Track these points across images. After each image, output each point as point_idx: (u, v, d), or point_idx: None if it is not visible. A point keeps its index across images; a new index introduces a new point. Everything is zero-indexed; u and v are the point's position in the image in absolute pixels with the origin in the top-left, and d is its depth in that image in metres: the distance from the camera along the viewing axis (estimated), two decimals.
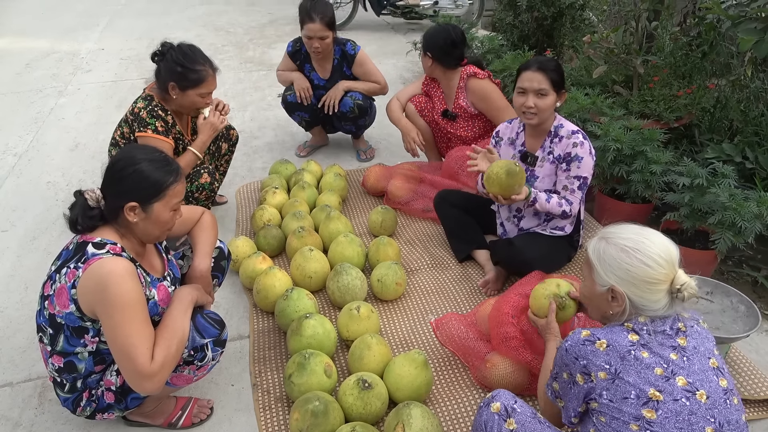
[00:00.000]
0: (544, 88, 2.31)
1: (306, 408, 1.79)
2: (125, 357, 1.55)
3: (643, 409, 1.27)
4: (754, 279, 2.61)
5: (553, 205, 2.39)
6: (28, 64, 5.97)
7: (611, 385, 1.30)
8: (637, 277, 1.35)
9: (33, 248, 2.98)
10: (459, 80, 3.10)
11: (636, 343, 1.33)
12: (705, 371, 1.31)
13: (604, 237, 1.44)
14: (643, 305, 1.36)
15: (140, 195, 1.63)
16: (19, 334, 2.40)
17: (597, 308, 1.49)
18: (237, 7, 8.50)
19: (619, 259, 1.38)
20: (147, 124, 2.60)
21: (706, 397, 1.28)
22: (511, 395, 1.50)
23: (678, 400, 1.26)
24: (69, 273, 1.59)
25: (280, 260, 2.83)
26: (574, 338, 1.39)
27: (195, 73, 2.58)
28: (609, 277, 1.40)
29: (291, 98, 3.58)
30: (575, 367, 1.36)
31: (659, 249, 1.36)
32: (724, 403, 1.30)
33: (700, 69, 3.45)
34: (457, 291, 2.59)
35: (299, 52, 3.55)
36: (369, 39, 6.69)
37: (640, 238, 1.38)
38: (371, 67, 3.56)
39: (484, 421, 1.46)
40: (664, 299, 1.35)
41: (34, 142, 4.19)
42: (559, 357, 1.42)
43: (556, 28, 4.55)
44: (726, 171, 2.45)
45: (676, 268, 1.35)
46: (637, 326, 1.36)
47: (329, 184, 3.25)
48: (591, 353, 1.34)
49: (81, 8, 8.51)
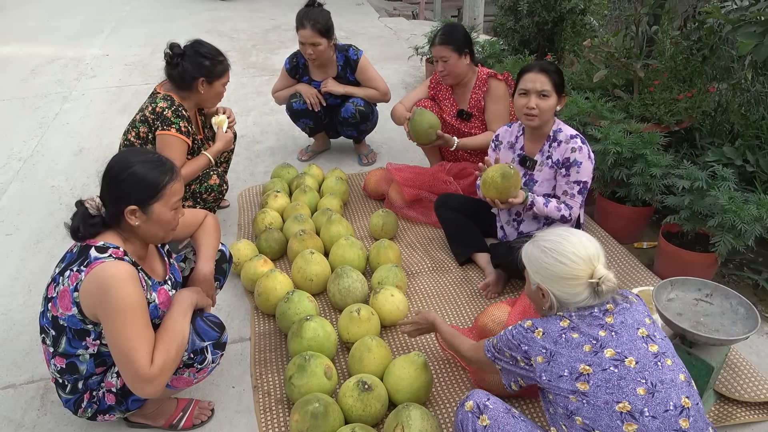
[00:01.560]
0: (546, 90, 2.32)
1: (306, 409, 1.80)
2: (125, 360, 1.56)
3: (577, 383, 1.40)
4: (755, 282, 2.61)
5: (552, 209, 2.40)
6: (33, 70, 6.02)
7: (548, 367, 1.45)
8: (555, 274, 1.48)
9: (37, 251, 3.00)
10: (476, 80, 3.11)
11: (566, 327, 1.47)
12: (633, 341, 1.43)
13: (533, 240, 1.58)
14: (566, 299, 1.49)
15: (138, 198, 1.64)
16: (23, 336, 2.41)
17: (536, 304, 1.63)
18: (240, 14, 8.56)
19: (540, 259, 1.52)
20: (171, 123, 2.63)
21: (635, 362, 1.40)
22: (485, 393, 1.58)
23: (606, 369, 1.39)
24: (72, 276, 1.60)
25: (281, 263, 2.84)
26: (519, 327, 1.54)
27: (220, 64, 2.71)
28: (535, 277, 1.54)
29: (297, 105, 3.59)
30: (518, 351, 1.52)
31: (574, 247, 1.48)
32: (655, 365, 1.40)
33: (700, 73, 3.46)
34: (457, 294, 2.59)
35: (297, 66, 3.60)
36: (371, 44, 6.72)
37: (558, 238, 1.51)
38: (373, 73, 3.58)
39: (460, 420, 1.55)
40: (585, 292, 1.47)
41: (39, 147, 4.23)
42: (506, 339, 1.56)
43: (556, 33, 4.56)
44: (726, 174, 2.45)
45: (593, 264, 1.47)
46: (566, 314, 1.50)
47: (330, 187, 3.27)
48: (531, 340, 1.50)
49: (85, 15, 8.58)
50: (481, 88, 3.08)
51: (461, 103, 3.18)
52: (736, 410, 1.96)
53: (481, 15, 6.59)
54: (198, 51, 2.66)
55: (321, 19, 3.29)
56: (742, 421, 1.93)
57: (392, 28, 7.53)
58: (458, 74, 3.03)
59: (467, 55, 2.99)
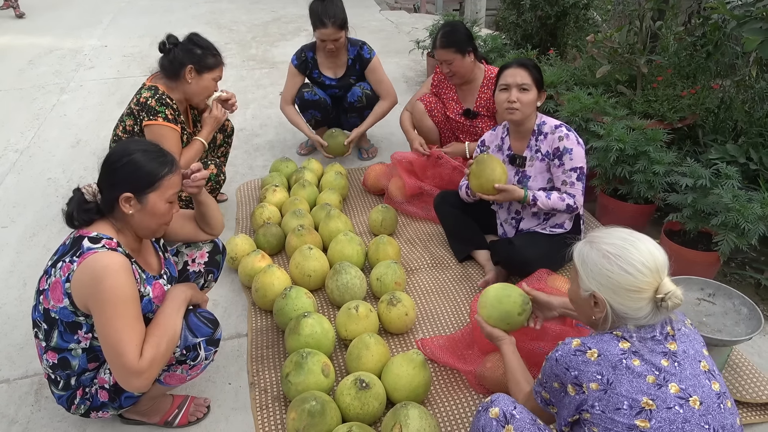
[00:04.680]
0: (526, 83, 2.34)
1: (303, 408, 1.78)
2: (114, 352, 1.54)
3: (636, 419, 1.23)
4: (758, 281, 2.59)
5: (555, 201, 2.38)
6: (31, 61, 5.97)
7: (603, 396, 1.26)
8: (618, 284, 1.31)
9: (32, 244, 2.97)
10: (483, 78, 3.09)
11: (627, 351, 1.29)
12: (697, 376, 1.28)
13: (590, 240, 1.41)
14: (624, 313, 1.32)
15: (135, 185, 1.62)
16: (17, 330, 2.39)
17: (583, 312, 1.46)
18: (240, 5, 8.50)
19: (601, 265, 1.34)
20: (157, 113, 2.58)
21: (699, 403, 1.25)
22: (511, 400, 1.44)
23: (671, 408, 1.23)
24: (64, 267, 1.58)
25: (279, 258, 2.82)
26: (564, 348, 1.35)
27: (213, 57, 2.68)
28: (591, 283, 1.36)
29: (308, 96, 3.54)
30: (566, 377, 1.32)
31: (642, 256, 1.31)
32: (718, 408, 1.26)
33: (704, 69, 3.42)
34: (457, 291, 2.57)
35: (306, 61, 3.53)
36: (373, 38, 6.67)
37: (624, 243, 1.34)
38: (383, 76, 3.55)
39: (482, 426, 1.41)
40: (647, 308, 1.30)
41: (36, 139, 4.19)
42: (549, 367, 1.37)
43: (559, 28, 4.52)
44: (729, 172, 2.43)
45: (661, 276, 1.31)
46: (626, 334, 1.32)
47: (330, 182, 3.24)
48: (582, 363, 1.30)
49: (85, 6, 8.52)
50: (489, 87, 3.06)
51: (466, 102, 3.17)
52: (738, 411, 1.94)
53: (483, 9, 6.55)
54: (192, 40, 2.65)
55: (339, 12, 3.27)
56: (744, 423, 1.91)
57: (393, 22, 7.47)
58: (464, 74, 3.04)
59: (470, 53, 2.98)
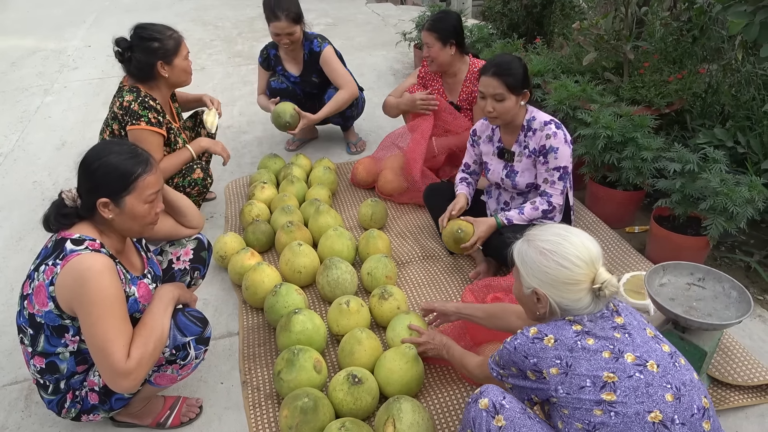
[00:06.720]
0: (499, 93, 2.29)
1: (295, 405, 1.77)
2: (101, 353, 1.52)
3: (602, 393, 1.27)
4: (747, 264, 2.60)
5: (530, 212, 2.39)
6: (14, 62, 5.89)
7: (565, 379, 1.30)
8: (556, 279, 1.36)
9: (19, 249, 2.94)
10: (468, 72, 3.06)
11: (580, 332, 1.34)
12: (647, 342, 1.34)
13: (528, 239, 1.44)
14: (566, 306, 1.37)
15: (109, 189, 1.59)
16: (5, 336, 2.36)
17: (528, 309, 1.50)
18: (225, 1, 8.42)
19: (538, 262, 1.38)
20: (140, 117, 2.54)
21: (656, 366, 1.30)
22: (500, 391, 1.44)
23: (632, 376, 1.28)
24: (47, 270, 1.56)
25: (269, 256, 2.80)
26: (522, 337, 1.39)
27: (171, 40, 2.58)
28: (532, 280, 1.41)
29: (275, 84, 3.52)
30: (525, 364, 1.36)
31: (576, 250, 1.36)
32: (674, 367, 1.31)
33: (690, 54, 3.42)
34: (448, 283, 2.56)
35: (269, 58, 3.54)
36: (359, 31, 6.64)
37: (558, 239, 1.38)
38: (336, 66, 3.42)
39: (472, 418, 1.42)
40: (587, 298, 1.36)
41: (20, 142, 4.14)
42: (507, 353, 1.41)
43: (545, 16, 4.51)
44: (717, 156, 2.43)
45: (596, 267, 1.36)
46: (576, 317, 1.37)
47: (318, 177, 3.22)
48: (541, 350, 1.35)
49: (67, 5, 8.42)
50: (473, 81, 3.03)
51: (451, 95, 3.15)
52: (729, 394, 1.95)
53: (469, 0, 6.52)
54: (142, 36, 2.53)
55: (292, 6, 3.22)
56: (736, 405, 1.92)
57: (380, 14, 7.43)
58: (442, 63, 2.99)
59: (452, 45, 2.94)
